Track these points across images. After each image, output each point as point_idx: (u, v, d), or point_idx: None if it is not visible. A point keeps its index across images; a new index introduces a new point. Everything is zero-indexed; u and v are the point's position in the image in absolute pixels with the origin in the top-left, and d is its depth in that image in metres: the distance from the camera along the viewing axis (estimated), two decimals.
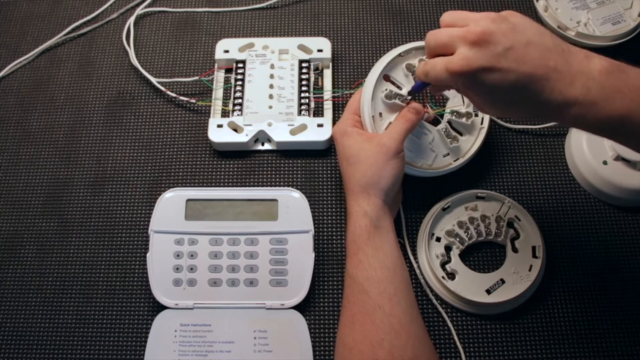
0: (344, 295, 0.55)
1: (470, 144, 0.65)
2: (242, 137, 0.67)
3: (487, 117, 0.65)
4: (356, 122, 0.60)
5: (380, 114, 0.60)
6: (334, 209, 0.66)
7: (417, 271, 0.62)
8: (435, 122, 0.64)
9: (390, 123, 0.60)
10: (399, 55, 0.61)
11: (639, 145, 0.48)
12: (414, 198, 0.65)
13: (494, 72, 0.45)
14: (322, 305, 0.61)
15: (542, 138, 0.69)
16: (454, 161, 0.64)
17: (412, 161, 0.62)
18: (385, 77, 0.61)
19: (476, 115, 0.65)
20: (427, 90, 0.65)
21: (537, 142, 0.69)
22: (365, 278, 0.52)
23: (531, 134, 0.70)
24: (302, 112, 0.69)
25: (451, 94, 0.66)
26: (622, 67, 0.46)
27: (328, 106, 0.70)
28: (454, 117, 0.64)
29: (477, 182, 0.67)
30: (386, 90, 0.60)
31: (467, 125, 0.65)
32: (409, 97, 0.60)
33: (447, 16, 0.50)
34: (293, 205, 0.63)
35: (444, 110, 0.64)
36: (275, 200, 0.63)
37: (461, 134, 0.65)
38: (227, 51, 0.72)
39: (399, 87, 0.61)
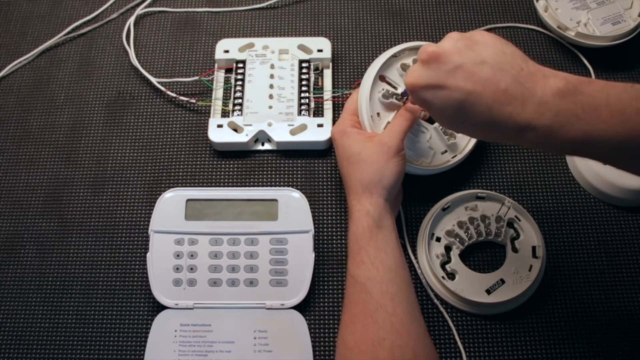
0: (345, 295, 0.55)
1: (468, 140, 0.65)
2: (242, 137, 0.67)
3: None
4: (355, 123, 0.60)
5: (378, 113, 0.61)
6: (334, 209, 0.66)
7: (418, 271, 0.62)
8: (432, 120, 0.64)
9: (388, 122, 0.60)
10: (393, 55, 0.61)
11: (608, 162, 0.47)
12: (414, 198, 0.65)
13: (440, 90, 0.46)
14: (322, 305, 0.61)
15: None
16: (452, 158, 0.64)
17: (412, 159, 0.62)
18: (381, 77, 0.61)
19: None
20: None
21: None
22: (367, 278, 0.52)
23: None
24: (302, 112, 0.69)
25: None
26: (580, 86, 0.43)
27: (328, 106, 0.70)
28: None
29: (477, 182, 0.67)
30: (383, 90, 0.61)
31: None
32: (405, 97, 0.60)
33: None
34: (293, 205, 0.63)
35: None
36: (275, 200, 0.63)
37: None
38: (227, 51, 0.72)
39: (395, 87, 0.62)
